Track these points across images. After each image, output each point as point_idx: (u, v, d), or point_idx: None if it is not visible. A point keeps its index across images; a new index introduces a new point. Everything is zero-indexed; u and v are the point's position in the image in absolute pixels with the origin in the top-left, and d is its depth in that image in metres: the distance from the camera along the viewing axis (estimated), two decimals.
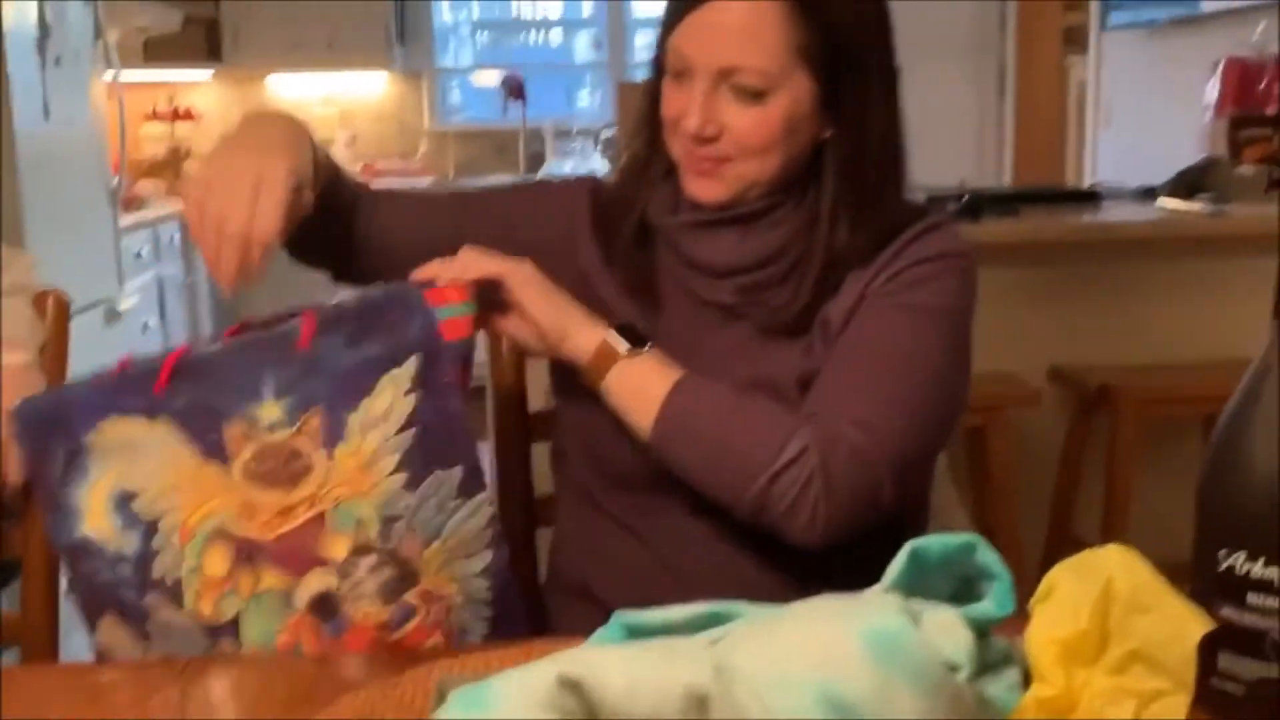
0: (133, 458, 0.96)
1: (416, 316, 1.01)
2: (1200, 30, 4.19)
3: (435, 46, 6.66)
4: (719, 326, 1.22)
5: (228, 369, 0.98)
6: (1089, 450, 2.78)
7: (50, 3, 3.62)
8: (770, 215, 1.20)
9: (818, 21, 1.13)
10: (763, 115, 1.14)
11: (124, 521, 0.97)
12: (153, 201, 5.04)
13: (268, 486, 0.97)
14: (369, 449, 0.98)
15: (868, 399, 1.11)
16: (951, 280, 1.18)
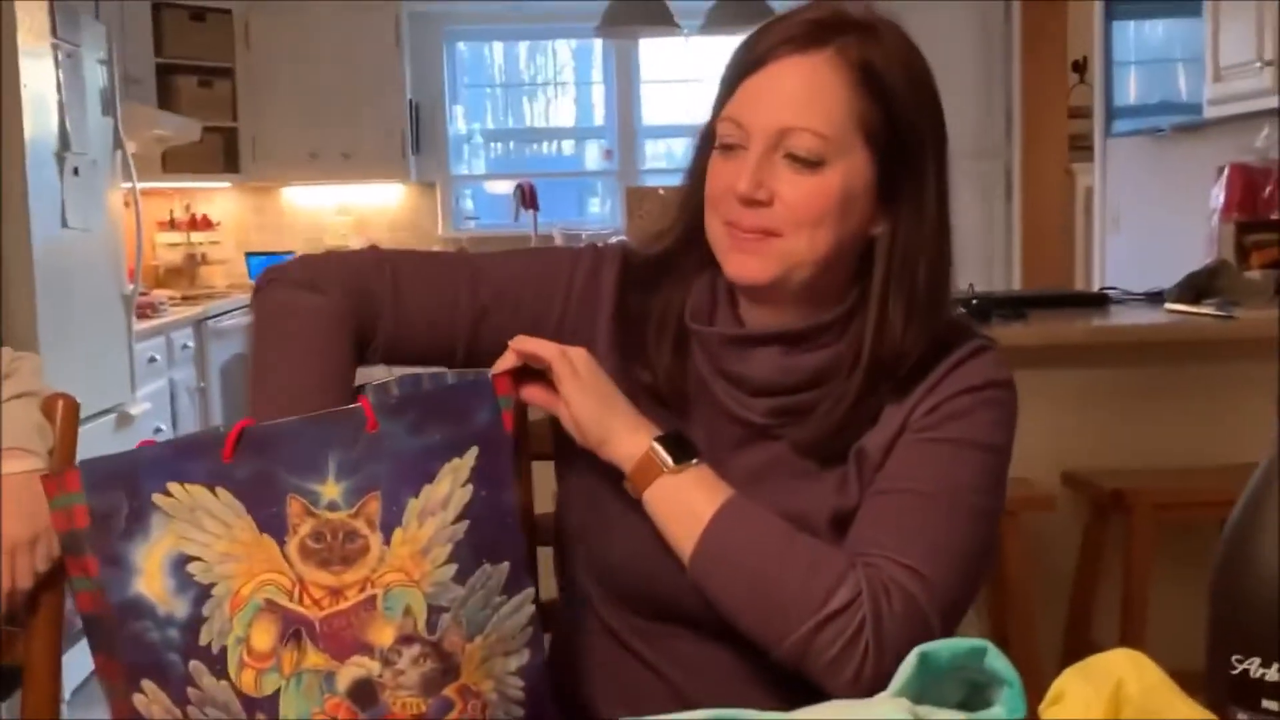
0: (194, 523, 0.97)
1: (485, 407, 1.01)
2: (1204, 137, 4.24)
3: (449, 156, 6.78)
4: (746, 446, 1.15)
5: (293, 444, 0.98)
6: (1105, 554, 2.75)
7: (71, 114, 3.69)
8: (815, 338, 1.13)
9: (882, 97, 1.08)
10: (818, 185, 1.08)
11: (178, 584, 0.96)
12: (167, 308, 5.09)
13: (321, 565, 0.97)
14: (424, 537, 0.97)
15: (916, 543, 1.06)
16: (992, 413, 1.12)
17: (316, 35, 6.24)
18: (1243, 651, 0.77)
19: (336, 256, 1.23)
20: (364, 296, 1.17)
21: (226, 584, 0.96)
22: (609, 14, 4.72)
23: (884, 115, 1.09)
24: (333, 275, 1.17)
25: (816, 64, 1.08)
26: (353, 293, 1.16)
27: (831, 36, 1.09)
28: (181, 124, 5.64)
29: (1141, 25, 4.92)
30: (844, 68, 1.08)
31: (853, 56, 1.08)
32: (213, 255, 6.42)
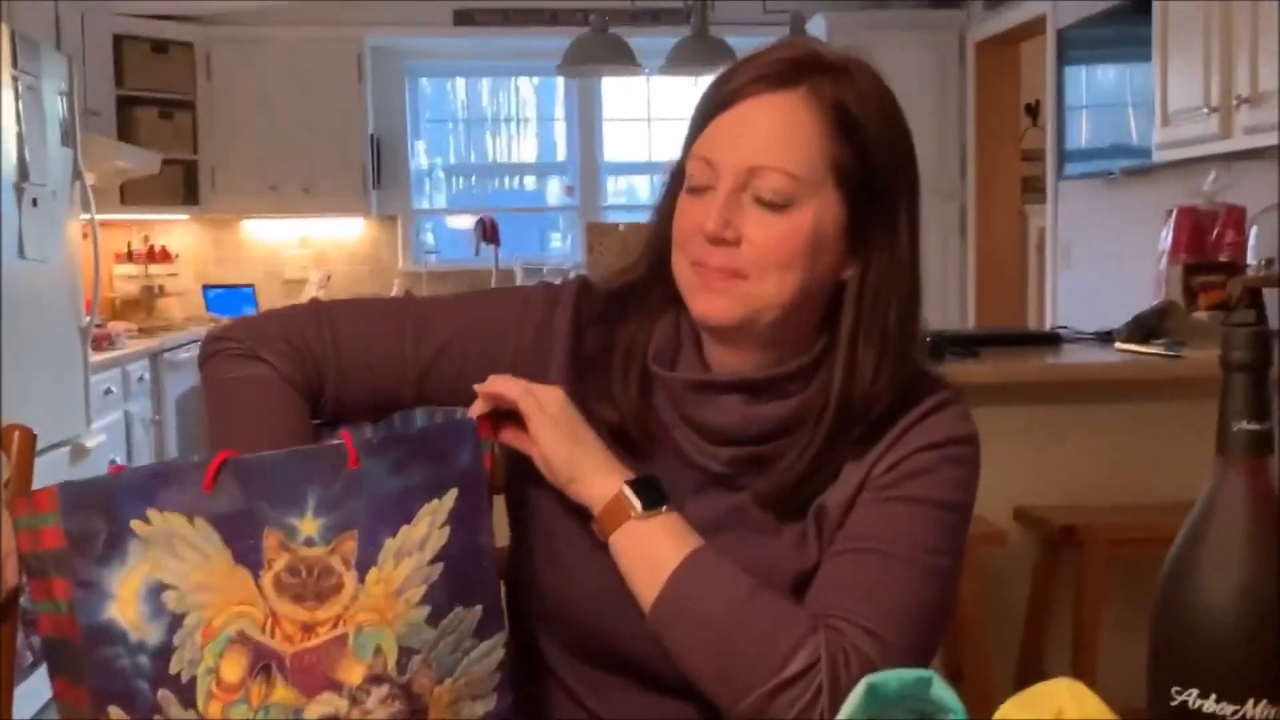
0: (170, 551, 0.96)
1: (467, 449, 1.01)
2: (1153, 180, 4.33)
3: (410, 190, 6.79)
4: (704, 494, 1.13)
5: (274, 477, 0.97)
6: (1057, 589, 2.79)
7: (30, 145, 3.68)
8: (781, 386, 1.10)
9: (854, 138, 1.06)
10: (787, 227, 1.05)
11: (151, 612, 0.95)
12: (123, 340, 5.06)
13: (295, 600, 0.96)
14: (399, 577, 0.97)
15: (875, 605, 1.04)
16: (953, 470, 1.10)
17: (278, 68, 6.24)
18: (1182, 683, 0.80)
19: (275, 318, 1.19)
20: (305, 358, 1.15)
21: (199, 614, 0.96)
22: (571, 53, 4.76)
23: (856, 156, 1.07)
24: (273, 341, 1.15)
25: (788, 103, 1.06)
26: (293, 355, 1.15)
27: (804, 75, 1.07)
28: (141, 156, 5.62)
29: (1093, 70, 5.02)
30: (816, 107, 1.06)
31: (826, 96, 1.06)
32: (170, 287, 6.38)
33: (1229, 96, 3.34)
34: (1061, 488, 2.86)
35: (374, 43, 6.44)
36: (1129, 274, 4.40)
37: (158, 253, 6.39)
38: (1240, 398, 0.81)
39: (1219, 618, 0.78)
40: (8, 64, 3.57)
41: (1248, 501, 0.80)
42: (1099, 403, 2.89)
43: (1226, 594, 0.78)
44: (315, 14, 6.30)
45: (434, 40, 6.60)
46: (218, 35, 6.23)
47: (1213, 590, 0.79)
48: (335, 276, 6.59)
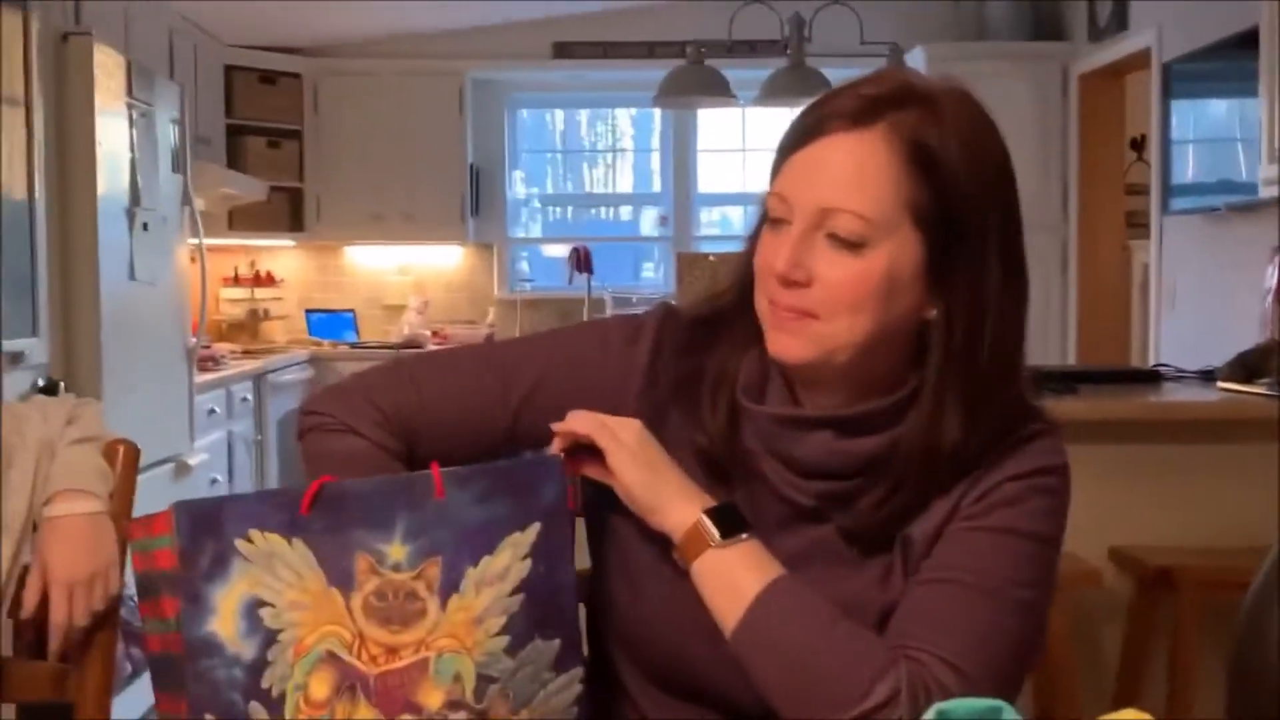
0: (269, 570, 1.01)
1: (552, 484, 1.03)
2: (1259, 216, 4.23)
3: (507, 219, 6.88)
4: (791, 526, 1.12)
5: (365, 503, 1.01)
6: (1152, 631, 2.72)
7: (142, 171, 3.81)
8: (870, 423, 1.09)
9: (933, 177, 1.03)
10: (859, 268, 1.03)
11: (248, 627, 1.00)
12: (228, 361, 5.19)
13: (382, 623, 0.99)
14: (480, 606, 1.00)
15: (958, 637, 1.03)
16: (1042, 500, 1.08)
17: (382, 100, 6.38)
18: None
19: (362, 388, 1.20)
20: (397, 425, 1.16)
21: (293, 631, 1.00)
22: (667, 84, 4.80)
23: (936, 196, 1.04)
24: (365, 412, 1.17)
25: (865, 142, 1.04)
26: (383, 421, 1.16)
27: (885, 111, 1.05)
28: (249, 183, 5.78)
29: (1200, 104, 4.93)
30: (894, 147, 1.04)
31: (904, 134, 1.04)
32: (275, 311, 6.54)
33: None
34: (1158, 528, 2.79)
35: (476, 75, 6.56)
36: (1234, 312, 4.30)
37: (263, 277, 6.55)
38: None
39: None
40: (123, 93, 3.70)
41: None
42: (1199, 442, 2.83)
43: None
44: (419, 47, 6.45)
45: (533, 73, 6.69)
46: (324, 67, 6.40)
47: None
48: (433, 303, 6.70)
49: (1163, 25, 5.01)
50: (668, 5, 6.33)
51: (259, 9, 5.61)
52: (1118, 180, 5.96)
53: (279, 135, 6.30)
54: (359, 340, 6.59)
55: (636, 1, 6.28)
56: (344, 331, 6.63)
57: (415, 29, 6.37)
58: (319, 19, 6.01)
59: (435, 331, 6.54)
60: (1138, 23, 5.28)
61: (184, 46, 5.40)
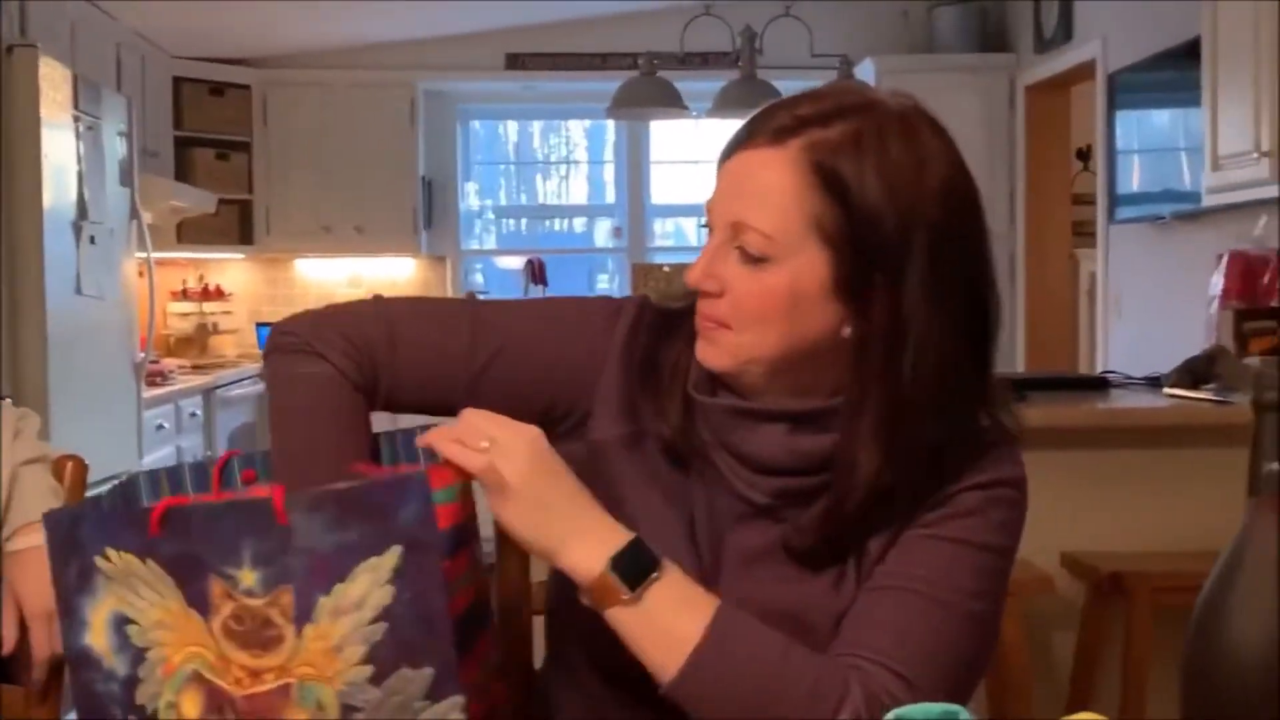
0: (130, 587, 0.98)
1: (411, 503, 0.94)
2: (1204, 224, 4.29)
3: (460, 231, 6.86)
4: (749, 523, 1.11)
5: (211, 527, 0.97)
6: (1104, 636, 2.75)
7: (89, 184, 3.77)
8: (821, 420, 1.07)
9: (843, 199, 1.02)
10: (763, 283, 1.04)
11: (118, 643, 0.99)
12: (176, 376, 5.13)
13: (242, 647, 0.96)
14: (337, 634, 0.94)
15: (910, 648, 1.02)
16: (999, 513, 1.08)
17: (333, 111, 6.35)
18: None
19: (337, 315, 1.19)
20: (364, 357, 1.15)
21: (160, 650, 0.98)
22: (620, 95, 4.81)
23: (845, 216, 1.02)
24: (333, 339, 1.15)
25: (776, 159, 1.04)
26: (351, 352, 1.15)
27: (806, 129, 1.04)
28: (197, 196, 5.73)
29: (1144, 114, 5.00)
30: (801, 166, 1.03)
31: (816, 155, 1.03)
32: (224, 325, 6.48)
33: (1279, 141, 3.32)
34: (1109, 534, 2.82)
35: (427, 86, 6.53)
36: (1180, 319, 4.36)
37: (212, 291, 6.49)
38: (1272, 438, 0.81)
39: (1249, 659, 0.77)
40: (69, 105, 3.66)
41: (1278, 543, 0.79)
42: (1147, 448, 2.86)
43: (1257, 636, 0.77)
44: (369, 58, 6.42)
45: (486, 84, 6.68)
46: (274, 78, 6.36)
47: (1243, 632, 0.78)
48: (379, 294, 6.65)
49: (1107, 36, 5.08)
50: (620, 17, 6.34)
51: (207, 20, 5.56)
52: (1064, 190, 6.03)
53: (228, 147, 6.25)
54: None
55: (589, 10, 6.29)
56: None
57: (365, 39, 6.34)
58: (268, 30, 5.97)
59: None
60: (1083, 34, 5.36)
61: (131, 58, 5.35)
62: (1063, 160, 6.03)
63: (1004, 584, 1.10)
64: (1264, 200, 3.55)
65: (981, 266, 1.08)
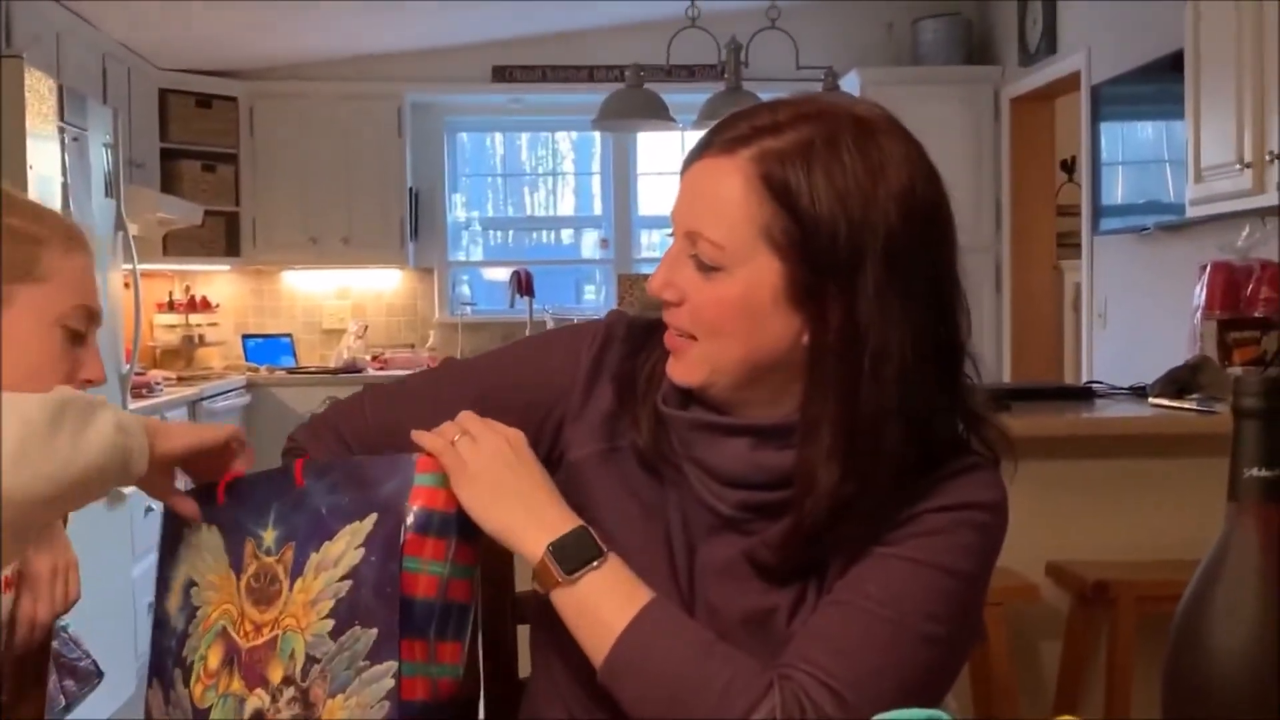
0: (200, 554, 1.11)
1: (396, 479, 1.05)
2: (1187, 235, 4.32)
3: (448, 242, 6.86)
4: (719, 535, 1.10)
5: (254, 493, 1.09)
6: (1089, 644, 2.76)
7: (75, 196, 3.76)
8: (784, 437, 1.06)
9: (789, 206, 1.01)
10: (716, 292, 1.04)
11: (182, 603, 1.11)
12: (162, 388, 5.12)
13: (254, 603, 1.07)
14: (316, 588, 1.04)
15: (849, 664, 1.00)
16: (965, 536, 1.05)
17: (319, 123, 6.35)
18: None
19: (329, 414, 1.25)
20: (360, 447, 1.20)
21: (206, 608, 1.09)
22: (606, 107, 4.82)
23: (796, 225, 1.01)
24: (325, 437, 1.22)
25: (727, 169, 1.04)
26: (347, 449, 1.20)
27: (759, 139, 1.03)
28: (183, 207, 5.72)
29: (1128, 126, 5.02)
30: (750, 176, 1.02)
31: (765, 164, 1.02)
32: (210, 336, 6.46)
33: (1262, 152, 3.34)
34: (1094, 543, 2.84)
35: (414, 98, 6.54)
36: (1164, 329, 4.38)
37: (198, 302, 6.48)
38: (1252, 444, 0.82)
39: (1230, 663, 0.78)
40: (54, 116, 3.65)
41: (1259, 548, 0.80)
42: (1132, 458, 2.87)
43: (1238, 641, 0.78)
44: (356, 70, 6.42)
45: (473, 96, 6.69)
46: (260, 90, 6.35)
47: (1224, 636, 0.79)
48: (372, 327, 6.65)
49: (1092, 49, 5.11)
50: (606, 29, 6.35)
51: (193, 32, 5.56)
52: (1049, 201, 6.06)
53: (214, 159, 6.24)
54: (297, 365, 6.53)
55: (576, 23, 6.30)
56: (281, 356, 6.56)
57: (353, 51, 6.34)
58: (254, 42, 5.97)
59: (375, 356, 6.50)
60: (1067, 46, 5.39)
61: (117, 70, 5.34)
62: (1047, 172, 6.06)
63: (971, 611, 1.07)
64: (1247, 211, 3.57)
65: (946, 275, 1.07)
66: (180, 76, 6.08)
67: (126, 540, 4.11)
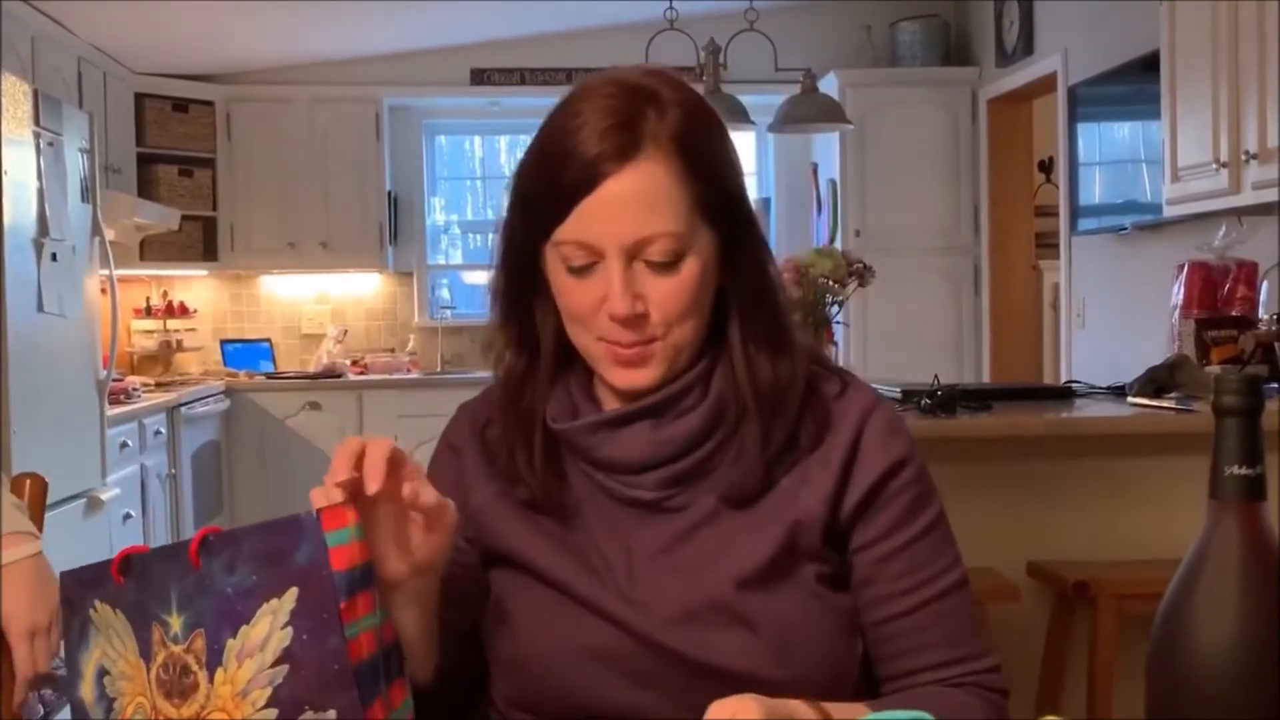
0: (109, 639, 1.01)
1: (305, 544, 0.94)
2: (1165, 235, 4.34)
3: (427, 246, 6.84)
4: (645, 523, 1.14)
5: (154, 573, 0.99)
6: (1071, 644, 2.77)
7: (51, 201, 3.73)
8: (678, 405, 1.13)
9: (707, 174, 1.09)
10: (681, 280, 1.09)
11: (98, 694, 1.01)
12: (140, 394, 5.09)
13: (165, 696, 0.97)
14: (243, 678, 0.95)
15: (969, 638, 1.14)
16: (920, 479, 1.16)
17: (297, 127, 6.33)
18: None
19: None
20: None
21: (120, 700, 1.00)
22: None
23: (714, 189, 1.10)
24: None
25: (644, 170, 1.07)
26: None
27: (638, 130, 1.07)
28: (161, 212, 5.69)
29: (1105, 126, 5.05)
30: (666, 160, 1.07)
31: (665, 146, 1.07)
32: (188, 342, 6.43)
33: (1238, 152, 3.36)
34: (1075, 542, 2.84)
35: (392, 101, 6.52)
36: (1142, 329, 4.40)
37: (176, 308, 6.44)
38: (1232, 442, 0.82)
39: (1212, 660, 0.78)
40: (29, 121, 3.63)
41: (1240, 547, 0.80)
42: (1111, 457, 2.88)
43: (1219, 637, 0.78)
44: (334, 73, 6.40)
45: (451, 99, 6.67)
46: (237, 94, 6.33)
47: (1206, 633, 0.79)
48: (352, 331, 6.63)
49: (1068, 50, 5.13)
50: (584, 32, 6.35)
51: (169, 36, 5.54)
52: (1027, 202, 6.09)
53: (191, 163, 6.21)
54: (276, 370, 6.50)
55: (554, 25, 6.29)
56: (260, 361, 6.53)
57: (329, 55, 6.32)
58: (231, 46, 5.95)
59: (354, 361, 6.47)
60: (1044, 47, 5.41)
61: (93, 75, 5.32)
62: (1025, 172, 6.09)
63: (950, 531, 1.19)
64: (1223, 211, 3.59)
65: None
66: (156, 81, 6.05)
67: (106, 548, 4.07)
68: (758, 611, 1.09)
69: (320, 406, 6.10)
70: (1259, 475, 0.81)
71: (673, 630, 1.09)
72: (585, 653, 1.10)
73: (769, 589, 1.10)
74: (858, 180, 6.05)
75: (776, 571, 1.11)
